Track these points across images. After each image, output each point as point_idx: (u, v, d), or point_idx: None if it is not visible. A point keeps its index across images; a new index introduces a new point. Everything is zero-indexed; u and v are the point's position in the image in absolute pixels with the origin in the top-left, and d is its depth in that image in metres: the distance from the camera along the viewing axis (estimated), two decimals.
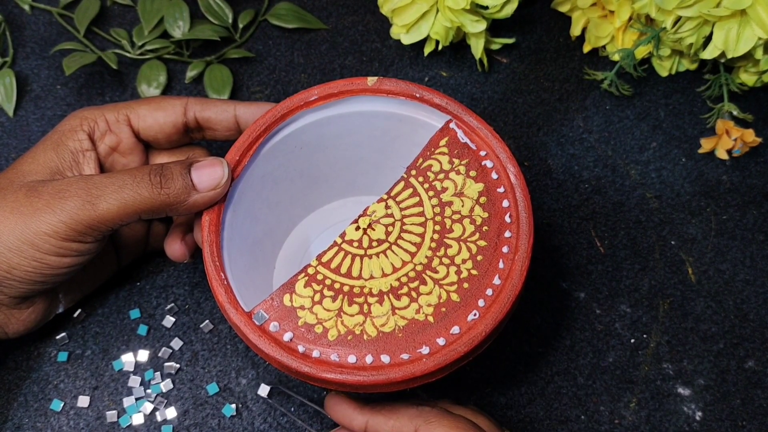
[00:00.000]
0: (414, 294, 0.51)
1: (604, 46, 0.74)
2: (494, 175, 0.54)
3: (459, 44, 0.75)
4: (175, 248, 0.57)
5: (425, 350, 0.49)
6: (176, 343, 0.62)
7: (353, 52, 0.76)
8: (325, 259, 0.53)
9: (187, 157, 0.59)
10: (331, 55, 0.76)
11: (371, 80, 0.56)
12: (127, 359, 0.61)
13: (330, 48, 0.76)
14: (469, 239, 0.52)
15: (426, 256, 0.52)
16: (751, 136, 0.67)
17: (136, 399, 0.60)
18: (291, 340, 0.50)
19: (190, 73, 0.73)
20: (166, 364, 0.61)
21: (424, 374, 0.48)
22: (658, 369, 0.62)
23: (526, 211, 0.52)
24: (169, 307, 0.63)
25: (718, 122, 0.69)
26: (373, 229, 0.54)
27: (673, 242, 0.66)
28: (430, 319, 0.50)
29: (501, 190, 0.53)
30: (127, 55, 0.74)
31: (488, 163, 0.54)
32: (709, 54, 0.66)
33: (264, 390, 0.60)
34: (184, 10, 0.73)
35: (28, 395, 0.60)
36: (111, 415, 0.59)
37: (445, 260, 0.52)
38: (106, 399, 0.60)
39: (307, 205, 0.63)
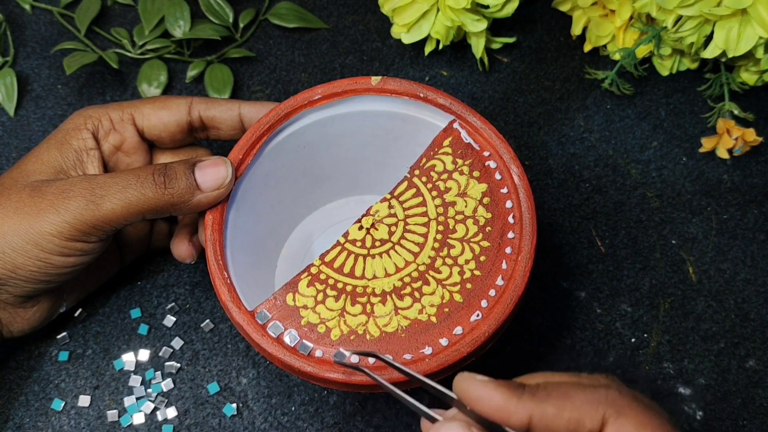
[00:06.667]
0: (417, 294, 0.51)
1: (604, 46, 0.74)
2: (498, 176, 0.54)
3: (460, 43, 0.75)
4: (182, 249, 0.57)
5: (428, 350, 0.49)
6: (177, 343, 0.62)
7: (354, 52, 0.76)
8: (328, 258, 0.53)
9: (190, 157, 0.59)
10: (332, 55, 0.76)
11: (375, 80, 0.56)
12: (128, 359, 0.61)
13: (330, 47, 0.76)
14: (472, 240, 0.52)
15: (429, 257, 0.52)
16: (752, 136, 0.67)
17: (137, 398, 0.60)
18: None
19: (191, 73, 0.73)
20: (167, 363, 0.61)
21: (426, 374, 0.48)
22: (658, 368, 0.62)
23: (530, 212, 0.52)
24: (169, 306, 0.63)
25: (718, 121, 0.69)
26: (377, 229, 0.54)
27: (673, 241, 0.66)
28: (433, 319, 0.50)
29: (504, 190, 0.53)
30: (128, 54, 0.73)
31: (492, 164, 0.54)
32: (709, 53, 0.66)
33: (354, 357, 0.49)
34: (185, 9, 0.73)
35: (29, 395, 0.60)
36: (112, 414, 0.59)
37: (449, 261, 0.52)
38: (106, 398, 0.60)
39: (310, 203, 0.63)
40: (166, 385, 0.60)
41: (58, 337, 0.62)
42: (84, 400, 0.60)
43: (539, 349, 0.62)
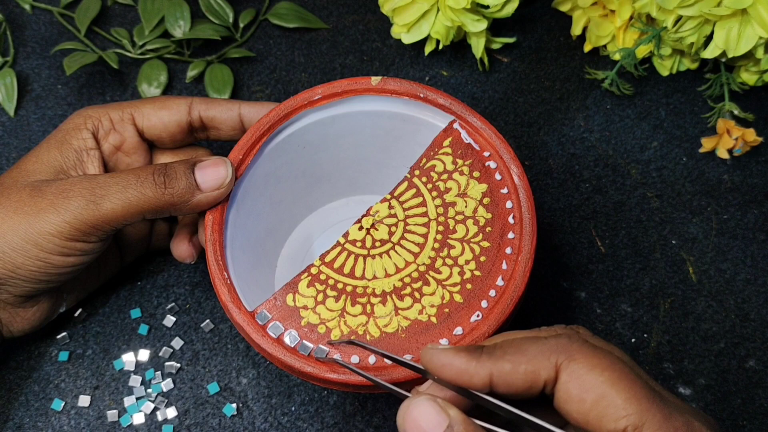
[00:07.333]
0: (417, 294, 0.51)
1: (605, 46, 0.74)
2: (498, 176, 0.54)
3: (459, 43, 0.75)
4: (182, 249, 0.58)
5: None
6: (177, 343, 0.62)
7: (354, 52, 0.76)
8: (328, 258, 0.53)
9: (190, 157, 0.59)
10: (332, 55, 0.76)
11: (375, 80, 0.56)
12: (128, 359, 0.61)
13: (330, 47, 0.76)
14: (472, 240, 0.52)
15: (429, 257, 0.52)
16: (752, 136, 0.67)
17: (137, 398, 0.60)
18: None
19: (191, 73, 0.73)
20: (167, 363, 0.61)
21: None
22: (659, 369, 0.62)
23: (530, 213, 0.52)
24: (169, 306, 0.63)
25: (719, 121, 0.69)
26: (377, 229, 0.54)
27: (673, 241, 0.66)
28: (433, 320, 0.50)
29: (504, 191, 0.53)
30: (128, 54, 0.73)
31: (492, 164, 0.54)
32: (710, 53, 0.66)
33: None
34: (185, 9, 0.73)
35: (29, 395, 0.60)
36: (112, 414, 0.59)
37: (449, 261, 0.52)
38: (106, 398, 0.60)
39: (310, 204, 0.63)
40: (166, 385, 0.60)
41: (58, 337, 0.62)
42: (84, 400, 0.60)
43: None
